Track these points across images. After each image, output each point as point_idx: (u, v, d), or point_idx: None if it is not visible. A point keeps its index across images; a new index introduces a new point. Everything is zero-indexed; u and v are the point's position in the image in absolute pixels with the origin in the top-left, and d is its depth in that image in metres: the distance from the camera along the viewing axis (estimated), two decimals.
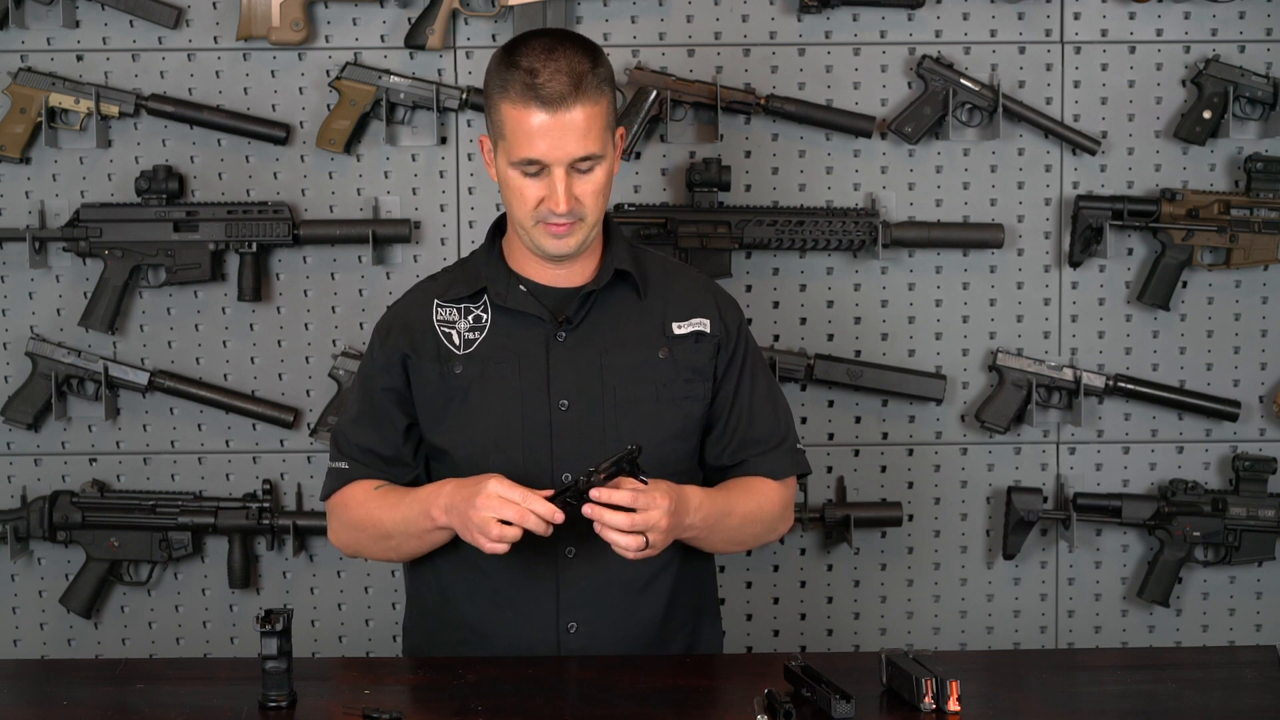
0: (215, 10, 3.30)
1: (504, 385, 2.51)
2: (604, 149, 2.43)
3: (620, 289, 2.54)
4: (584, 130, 2.40)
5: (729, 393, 2.55)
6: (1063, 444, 3.42)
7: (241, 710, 2.24)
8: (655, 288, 2.56)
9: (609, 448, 2.43)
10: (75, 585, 3.36)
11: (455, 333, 2.55)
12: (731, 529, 2.52)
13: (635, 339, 2.52)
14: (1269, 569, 3.44)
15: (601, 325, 2.52)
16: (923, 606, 3.44)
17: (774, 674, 2.29)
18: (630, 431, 2.48)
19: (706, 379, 2.54)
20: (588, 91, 2.40)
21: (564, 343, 2.51)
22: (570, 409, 2.50)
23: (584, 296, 2.51)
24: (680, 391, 2.52)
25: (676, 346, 2.53)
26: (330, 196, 3.35)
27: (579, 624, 2.49)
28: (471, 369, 2.52)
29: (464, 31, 3.32)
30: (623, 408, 2.50)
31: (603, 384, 2.51)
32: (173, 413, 3.38)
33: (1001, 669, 2.58)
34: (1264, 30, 3.35)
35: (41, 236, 3.30)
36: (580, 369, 2.50)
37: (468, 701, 2.31)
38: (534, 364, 2.50)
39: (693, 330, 2.54)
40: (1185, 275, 3.38)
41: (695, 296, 2.57)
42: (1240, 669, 2.50)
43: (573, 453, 2.49)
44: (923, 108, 3.30)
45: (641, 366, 2.51)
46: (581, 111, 2.40)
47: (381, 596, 3.42)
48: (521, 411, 2.50)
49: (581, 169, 2.42)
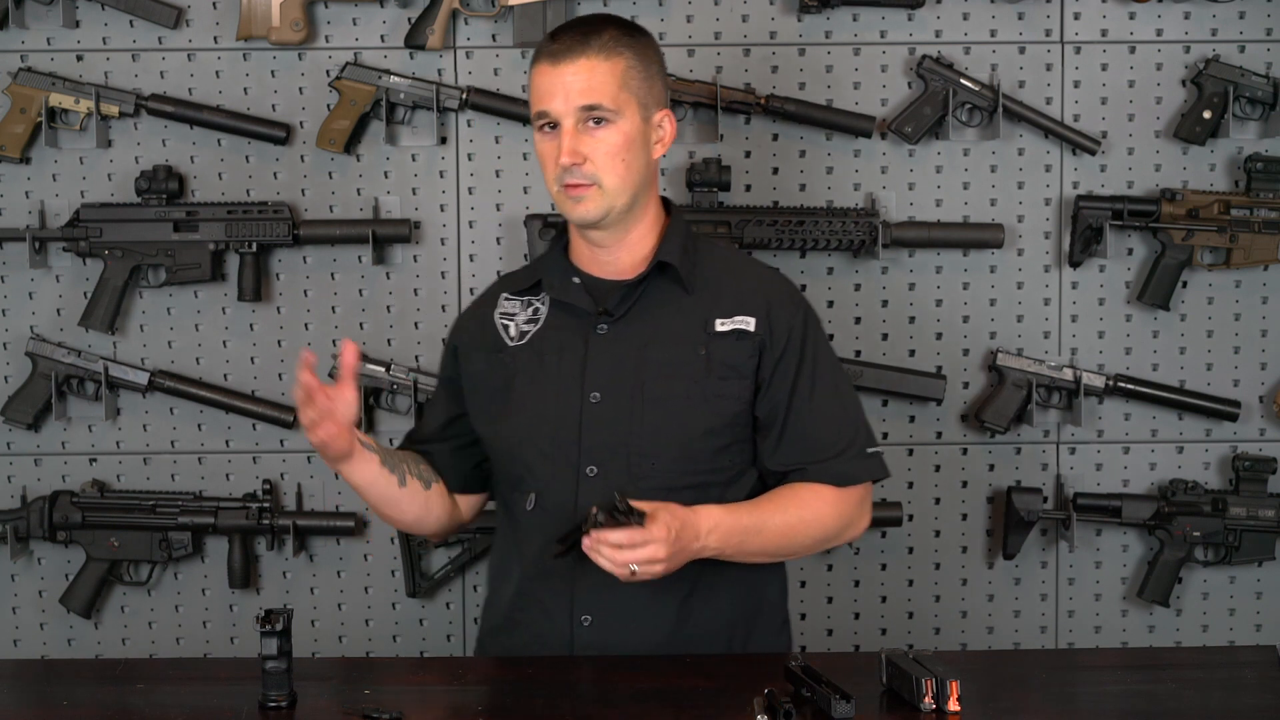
0: (215, 10, 3.30)
1: (543, 377, 2.54)
2: (616, 105, 2.46)
3: (668, 283, 2.53)
4: (586, 80, 2.46)
5: (783, 396, 2.51)
6: (1063, 444, 3.42)
7: (241, 710, 2.24)
8: (706, 283, 2.54)
9: (634, 443, 2.47)
10: (75, 585, 3.36)
11: (513, 324, 2.59)
12: (768, 543, 2.47)
13: (675, 334, 2.51)
14: (1269, 569, 3.44)
15: (645, 319, 2.52)
16: (923, 606, 3.44)
17: (774, 674, 2.29)
18: (656, 428, 2.48)
19: (744, 378, 2.50)
20: (595, 47, 2.47)
21: (604, 335, 2.52)
22: (601, 402, 2.50)
23: (626, 289, 2.53)
24: (713, 389, 2.49)
25: (715, 344, 2.50)
26: (330, 196, 3.35)
27: (593, 618, 2.49)
28: (518, 360, 2.56)
29: (464, 31, 3.32)
30: (652, 403, 2.49)
31: (635, 378, 2.50)
32: (173, 413, 3.39)
33: (1001, 669, 2.58)
34: (1264, 30, 3.35)
35: (41, 236, 3.30)
36: (616, 362, 2.51)
37: (468, 701, 2.31)
38: (573, 356, 2.52)
39: (734, 328, 2.51)
40: (1185, 275, 3.38)
41: (746, 294, 2.53)
42: (1240, 669, 2.50)
43: (600, 446, 2.49)
44: (923, 108, 3.30)
45: (677, 362, 2.50)
46: (586, 62, 2.46)
47: (381, 596, 3.42)
48: (555, 403, 2.52)
49: (592, 125, 2.46)
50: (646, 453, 2.49)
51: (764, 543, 2.47)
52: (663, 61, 2.54)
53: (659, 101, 2.52)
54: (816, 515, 2.50)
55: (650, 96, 2.50)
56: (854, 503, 2.54)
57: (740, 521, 2.44)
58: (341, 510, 3.39)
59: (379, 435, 3.37)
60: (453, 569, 3.37)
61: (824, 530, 2.52)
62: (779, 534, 2.48)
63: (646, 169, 2.52)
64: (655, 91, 2.51)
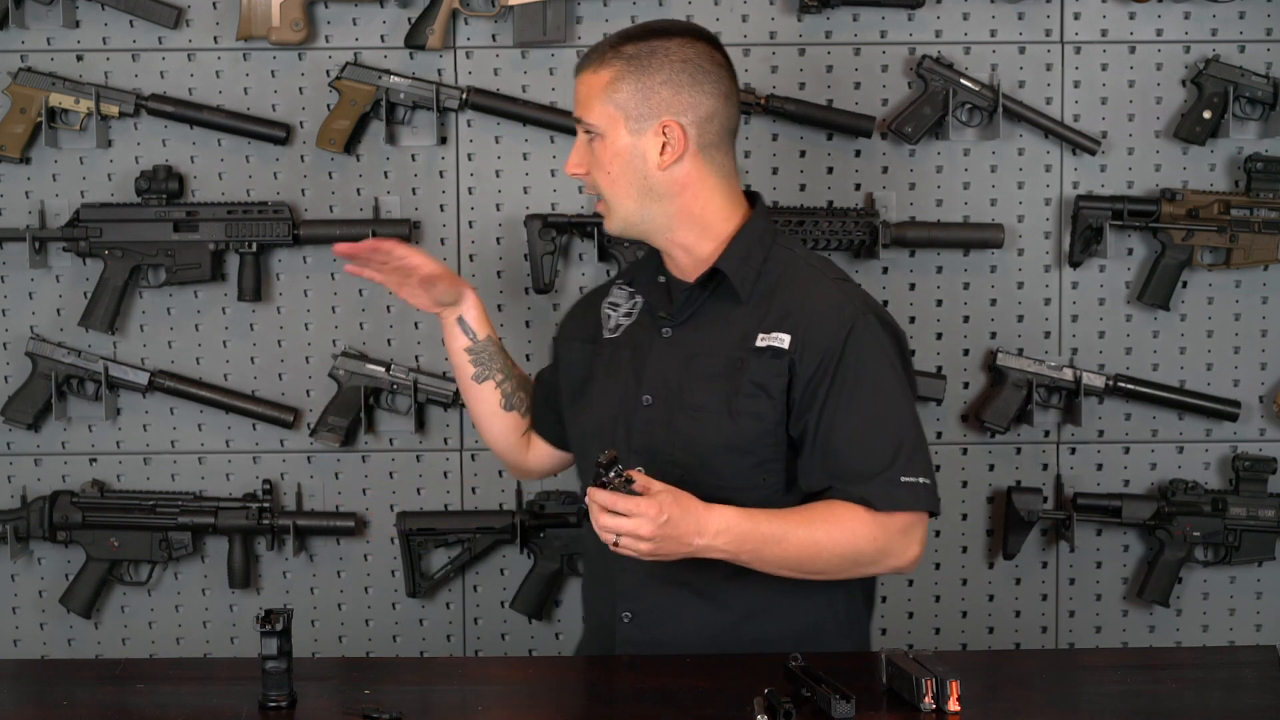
0: (215, 10, 3.30)
1: (616, 375, 2.56)
2: (599, 121, 2.45)
3: (729, 290, 2.49)
4: (580, 93, 2.49)
5: (814, 416, 2.42)
6: (1063, 444, 3.42)
7: (241, 710, 2.24)
8: (762, 294, 2.48)
9: (666, 450, 2.47)
10: (75, 585, 3.36)
11: (615, 315, 2.61)
12: (789, 556, 2.38)
13: (721, 345, 2.47)
14: (1269, 569, 3.44)
15: (701, 326, 2.50)
16: (923, 606, 3.44)
17: (774, 674, 2.29)
18: (688, 438, 2.47)
19: (774, 397, 2.43)
20: (594, 59, 2.47)
21: (667, 339, 2.52)
22: (651, 405, 2.50)
23: (688, 294, 2.51)
24: (741, 405, 2.44)
25: (751, 359, 2.44)
26: (330, 196, 3.35)
27: (632, 614, 2.51)
28: (603, 355, 2.59)
29: (464, 31, 3.32)
30: (688, 412, 2.48)
31: (678, 385, 2.49)
32: (173, 413, 3.38)
33: (1001, 669, 2.58)
34: (1264, 30, 3.35)
35: (41, 236, 3.30)
36: (669, 367, 2.50)
37: (468, 701, 2.31)
38: (640, 356, 2.53)
39: (770, 345, 2.44)
40: (1185, 275, 3.38)
41: (791, 309, 2.45)
42: (1240, 669, 2.50)
43: (644, 450, 2.49)
44: (923, 108, 3.30)
45: (715, 374, 2.46)
46: (583, 75, 2.49)
47: (381, 596, 3.42)
48: (618, 403, 2.54)
49: (589, 137, 2.48)
50: (677, 461, 2.48)
51: (784, 554, 2.38)
52: (679, 67, 2.45)
53: (660, 111, 2.45)
54: (847, 534, 2.39)
55: (646, 108, 2.44)
56: (894, 530, 2.40)
57: (758, 528, 2.36)
58: (341, 510, 3.39)
59: (379, 436, 3.37)
60: (453, 569, 3.38)
61: (855, 551, 2.40)
62: (802, 547, 2.38)
63: (644, 182, 2.46)
64: (655, 102, 2.44)
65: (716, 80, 2.47)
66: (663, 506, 2.28)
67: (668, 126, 2.45)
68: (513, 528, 3.33)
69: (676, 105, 2.45)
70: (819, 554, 2.39)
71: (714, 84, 2.47)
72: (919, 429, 2.46)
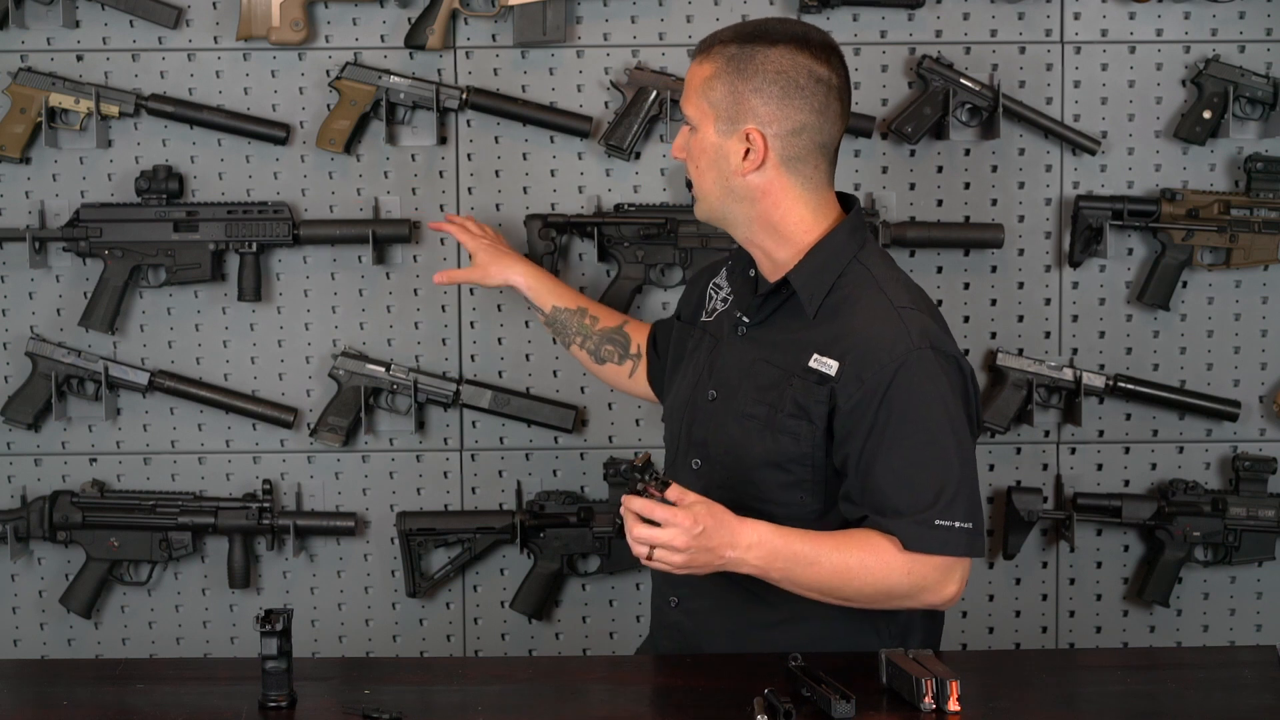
0: (215, 10, 3.30)
1: (697, 360, 2.59)
2: (695, 114, 2.48)
3: (799, 301, 2.48)
4: (686, 84, 2.52)
5: (855, 450, 2.39)
6: (1063, 444, 3.42)
7: (241, 710, 2.25)
8: (831, 311, 2.45)
9: (714, 451, 2.50)
10: (75, 585, 3.36)
11: (715, 298, 2.64)
12: (821, 579, 2.36)
13: (783, 357, 2.47)
14: (1269, 569, 3.44)
15: (774, 331, 2.50)
16: None
17: (774, 674, 2.29)
18: (735, 443, 2.48)
19: (814, 422, 2.42)
20: (703, 52, 2.49)
21: (742, 337, 2.53)
22: (715, 401, 2.52)
23: (764, 297, 2.51)
24: (781, 424, 2.43)
25: (801, 379, 2.43)
26: (330, 196, 3.35)
27: (679, 600, 2.54)
28: (695, 338, 2.63)
29: (464, 31, 3.32)
30: (740, 419, 2.48)
31: (738, 388, 2.49)
32: (173, 413, 3.38)
33: (1001, 669, 2.58)
34: (1264, 30, 3.35)
35: (41, 236, 3.30)
36: (737, 367, 2.51)
37: (468, 701, 2.31)
38: (717, 349, 2.56)
39: (820, 369, 2.41)
40: (1185, 275, 3.38)
41: (847, 335, 2.41)
42: (1240, 669, 2.50)
43: (701, 443, 2.53)
44: (923, 108, 3.30)
45: (771, 386, 2.46)
46: (693, 65, 2.51)
47: (381, 596, 3.42)
48: (690, 390, 2.57)
49: (689, 126, 2.51)
50: (723, 463, 2.50)
51: (816, 577, 2.36)
52: (773, 78, 2.42)
53: (747, 118, 2.44)
54: (882, 565, 2.36)
55: (735, 112, 2.44)
56: (932, 568, 2.37)
57: (791, 546, 2.35)
58: (341, 510, 3.39)
59: (379, 436, 3.37)
60: (453, 569, 3.37)
61: (888, 583, 2.37)
62: (834, 572, 2.36)
63: (727, 183, 2.46)
64: (744, 108, 2.43)
65: (811, 95, 2.44)
66: (698, 517, 2.28)
67: (751, 134, 2.44)
68: (513, 528, 3.33)
69: (764, 115, 2.44)
70: (850, 581, 2.37)
71: (806, 99, 2.44)
72: (968, 471, 2.41)
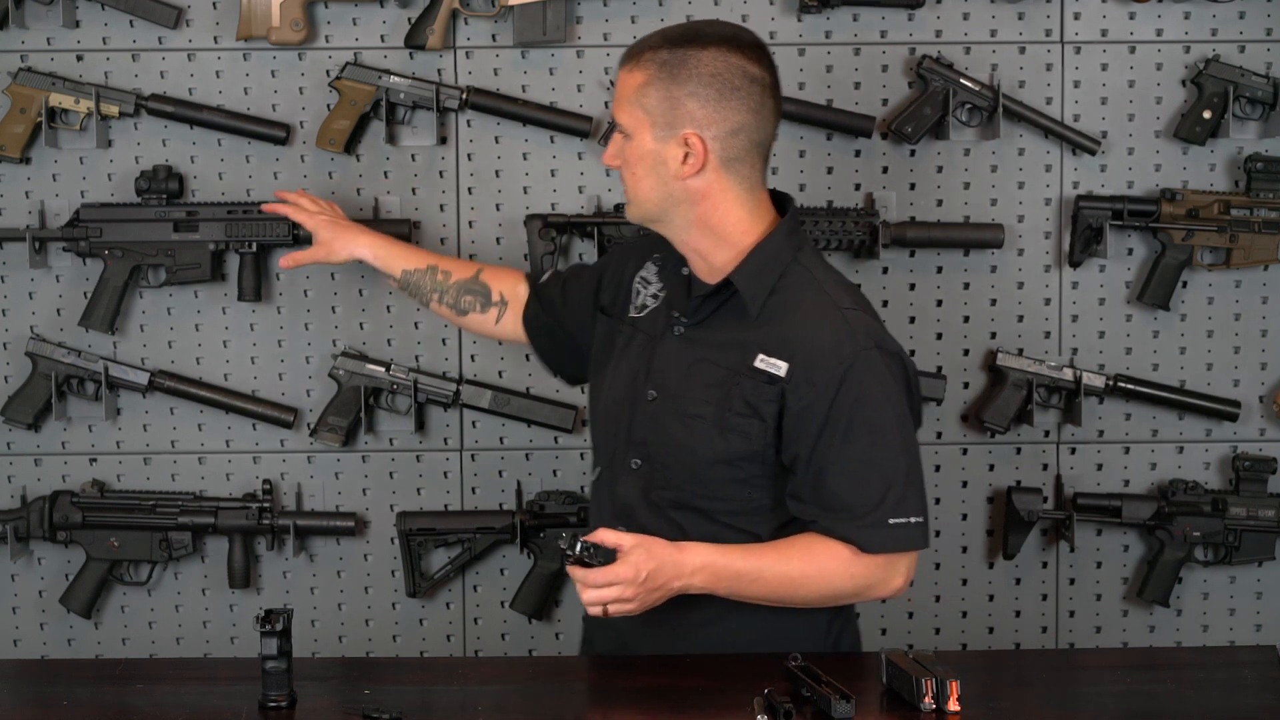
0: (215, 10, 3.30)
1: (630, 359, 2.57)
2: (631, 122, 2.47)
3: (741, 302, 2.49)
4: (617, 92, 2.51)
5: (804, 448, 2.42)
6: (1063, 444, 3.42)
7: (241, 710, 2.25)
8: (773, 311, 2.47)
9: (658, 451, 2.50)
10: (75, 585, 3.36)
11: (644, 293, 2.63)
12: (766, 591, 2.42)
13: (726, 357, 2.47)
14: (1269, 569, 3.44)
15: (715, 332, 2.50)
16: (923, 606, 3.44)
17: (774, 674, 2.29)
18: (680, 444, 2.48)
19: (765, 420, 2.44)
20: (633, 60, 2.48)
21: (679, 336, 2.53)
22: (654, 402, 2.52)
23: (704, 297, 2.51)
24: (730, 423, 2.45)
25: (748, 378, 2.44)
26: (330, 196, 3.34)
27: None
28: (624, 335, 2.60)
29: (464, 31, 3.32)
30: (683, 418, 2.48)
31: (680, 388, 2.50)
32: (173, 413, 3.38)
33: (1001, 669, 2.58)
34: (1264, 30, 3.35)
35: (41, 236, 3.30)
36: (677, 367, 2.51)
37: (468, 701, 2.31)
38: (653, 347, 2.55)
39: (768, 369, 2.43)
40: (1185, 275, 3.38)
41: (794, 335, 2.44)
42: (1240, 669, 2.50)
43: (642, 443, 2.53)
44: (923, 108, 3.30)
45: (715, 385, 2.47)
46: (622, 73, 2.50)
47: (381, 596, 3.42)
48: (626, 389, 2.56)
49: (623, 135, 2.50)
50: (667, 464, 2.50)
51: (760, 589, 2.42)
52: (708, 81, 2.43)
53: (684, 123, 2.44)
54: (823, 572, 2.42)
55: (671, 117, 2.44)
56: (875, 566, 2.43)
57: (733, 565, 2.40)
58: (341, 510, 3.39)
59: (379, 436, 3.37)
60: (453, 569, 3.37)
61: (831, 589, 2.44)
62: (778, 583, 2.42)
63: (665, 188, 2.47)
64: (680, 113, 2.44)
65: (746, 95, 2.45)
66: (639, 565, 2.32)
67: (690, 139, 2.44)
68: (513, 528, 3.33)
69: (701, 118, 2.44)
70: (796, 590, 2.44)
71: (742, 99, 2.45)
72: (914, 464, 2.46)
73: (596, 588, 2.32)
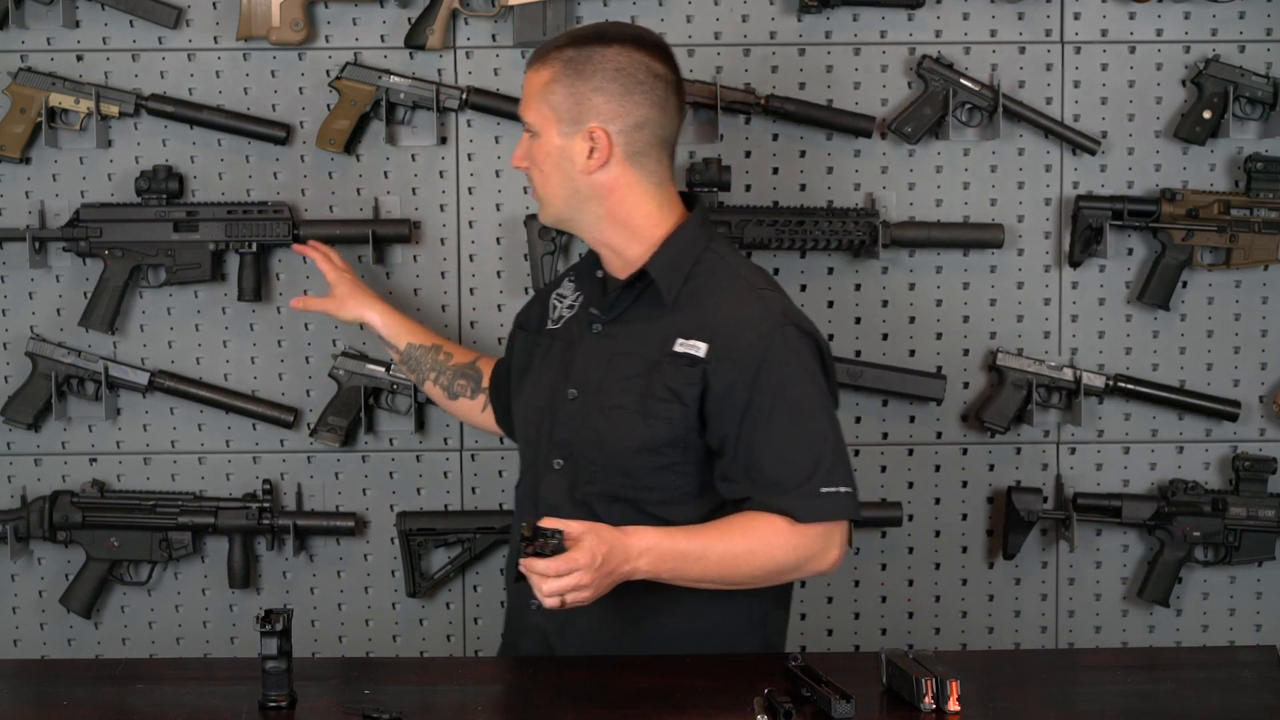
0: (215, 10, 3.30)
1: (550, 365, 2.62)
2: (536, 120, 2.54)
3: (656, 292, 2.53)
4: (524, 93, 2.58)
5: (732, 427, 2.47)
6: (1063, 444, 3.42)
7: (241, 710, 2.25)
8: (688, 299, 2.52)
9: (581, 446, 2.53)
10: (75, 585, 3.36)
11: (560, 306, 2.68)
12: (709, 570, 2.44)
13: (645, 345, 2.52)
14: (1269, 569, 3.44)
15: (632, 325, 2.55)
16: (923, 606, 3.44)
17: (774, 674, 2.29)
18: (603, 435, 2.52)
19: (686, 404, 2.48)
20: (539, 61, 2.55)
21: (597, 334, 2.57)
22: (575, 400, 2.55)
23: (618, 292, 2.56)
24: (652, 409, 2.49)
25: (667, 364, 2.49)
26: (330, 196, 3.35)
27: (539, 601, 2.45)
28: (543, 344, 2.65)
29: (464, 31, 3.32)
30: (605, 410, 2.52)
31: (599, 383, 2.54)
32: (173, 413, 3.38)
33: (1001, 669, 2.58)
34: (1264, 30, 3.35)
35: (41, 236, 3.30)
36: (594, 363, 2.55)
37: (468, 701, 2.31)
38: (571, 350, 2.59)
39: (687, 351, 2.48)
40: (1185, 275, 3.38)
41: (712, 318, 2.49)
42: (1240, 669, 2.50)
43: (564, 442, 2.56)
44: (923, 108, 3.30)
45: (634, 375, 2.51)
46: (528, 74, 2.57)
47: (381, 596, 3.42)
48: (547, 392, 2.60)
49: (530, 134, 2.57)
50: (591, 458, 2.54)
51: (704, 570, 2.44)
52: (612, 75, 2.51)
53: (589, 117, 2.51)
54: (765, 545, 2.45)
55: (577, 112, 2.51)
56: (813, 537, 2.46)
57: (677, 546, 2.42)
58: (341, 510, 3.39)
59: (379, 436, 3.37)
60: (453, 569, 3.37)
61: (773, 562, 2.47)
62: (721, 562, 2.44)
63: (573, 184, 2.53)
64: (586, 108, 2.51)
65: (650, 90, 2.53)
66: (593, 550, 2.33)
67: (595, 132, 2.51)
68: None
69: (606, 112, 2.51)
70: (739, 567, 2.45)
71: (646, 94, 2.52)
72: (839, 438, 2.52)
73: (557, 577, 2.31)
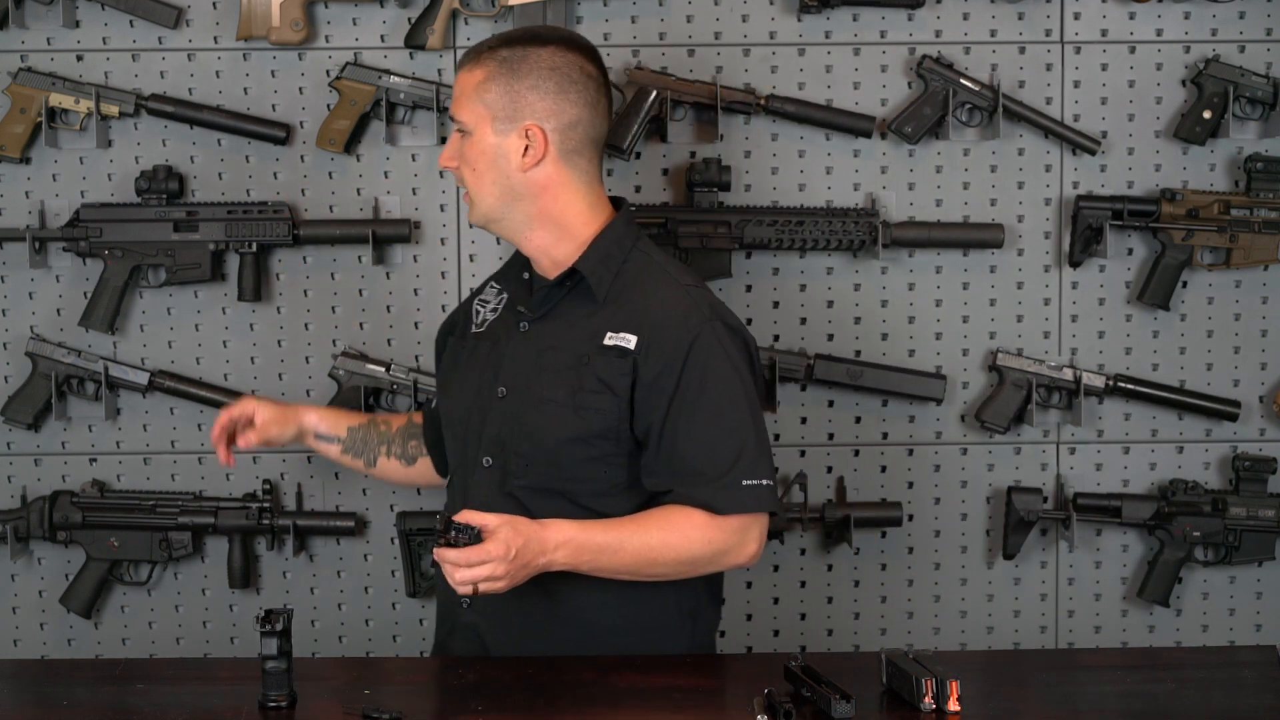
0: (215, 10, 3.30)
1: (477, 366, 2.64)
2: (468, 119, 2.56)
3: (587, 289, 2.58)
4: (456, 92, 2.60)
5: (657, 418, 2.51)
6: (1063, 444, 3.42)
7: (241, 710, 2.25)
8: (617, 293, 2.57)
9: (513, 441, 2.55)
10: (75, 585, 3.36)
11: (484, 310, 2.70)
12: (625, 562, 2.48)
13: (573, 342, 2.56)
14: (1269, 569, 3.44)
15: (557, 322, 2.59)
16: (923, 606, 3.44)
17: (774, 674, 2.29)
18: (534, 429, 2.55)
19: (618, 395, 2.52)
20: (473, 60, 2.58)
21: (524, 333, 2.60)
22: (505, 398, 2.59)
23: (547, 291, 2.60)
24: (584, 401, 2.52)
25: (598, 357, 2.53)
26: (330, 196, 3.35)
27: (472, 600, 2.46)
28: (469, 346, 2.67)
29: (464, 31, 3.32)
30: (538, 405, 2.55)
31: (529, 379, 2.57)
32: (173, 413, 3.38)
33: (1001, 669, 2.59)
34: (1264, 30, 3.35)
35: (41, 236, 3.30)
36: (523, 361, 2.59)
37: (468, 701, 2.31)
38: (499, 349, 2.62)
39: (617, 344, 2.52)
40: (1185, 275, 3.38)
41: (640, 311, 2.54)
42: (1240, 669, 2.51)
43: (495, 440, 2.59)
44: (923, 108, 3.30)
45: (564, 369, 2.54)
46: (461, 74, 2.59)
47: (381, 596, 3.42)
48: (475, 393, 2.63)
49: (462, 133, 2.58)
50: (522, 452, 2.56)
51: (621, 561, 2.47)
52: (547, 75, 2.55)
53: (524, 115, 2.54)
54: (683, 539, 2.49)
55: (512, 110, 2.54)
56: (730, 530, 2.50)
57: (594, 539, 2.46)
58: (341, 510, 3.39)
59: None
60: None
61: (690, 555, 2.50)
62: (638, 554, 2.48)
63: (506, 182, 2.56)
64: (520, 105, 2.54)
65: (583, 90, 2.57)
66: (508, 542, 2.36)
67: (530, 130, 2.55)
68: None
69: (541, 110, 2.55)
70: (656, 559, 2.49)
71: (580, 93, 2.57)
72: (762, 431, 2.55)
73: (469, 567, 2.34)
